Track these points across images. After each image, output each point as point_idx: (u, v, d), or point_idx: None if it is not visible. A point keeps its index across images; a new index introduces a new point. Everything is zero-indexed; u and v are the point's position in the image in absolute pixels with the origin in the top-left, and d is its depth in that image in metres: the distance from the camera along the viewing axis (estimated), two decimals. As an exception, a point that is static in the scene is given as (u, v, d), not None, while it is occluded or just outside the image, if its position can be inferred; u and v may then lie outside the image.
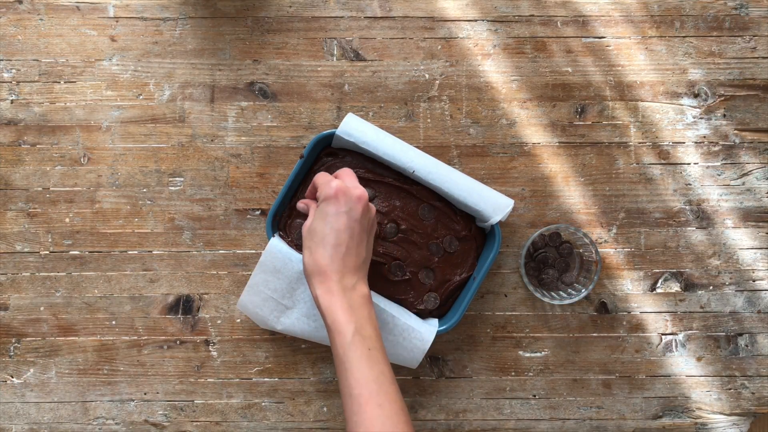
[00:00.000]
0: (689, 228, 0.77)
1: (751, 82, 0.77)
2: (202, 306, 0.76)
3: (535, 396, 0.77)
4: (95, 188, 0.76)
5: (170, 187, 0.76)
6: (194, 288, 0.76)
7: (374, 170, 0.73)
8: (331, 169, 0.73)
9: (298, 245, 0.73)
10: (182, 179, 0.76)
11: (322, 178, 0.65)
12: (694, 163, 0.77)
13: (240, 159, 0.76)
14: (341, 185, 0.62)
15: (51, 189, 0.76)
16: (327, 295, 0.61)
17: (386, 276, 0.72)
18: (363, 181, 0.73)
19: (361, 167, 0.73)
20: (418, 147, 0.75)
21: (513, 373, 0.77)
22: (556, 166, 0.77)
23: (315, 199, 0.67)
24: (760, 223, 0.77)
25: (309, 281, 0.62)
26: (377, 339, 0.61)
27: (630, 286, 0.77)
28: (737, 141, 0.77)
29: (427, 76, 0.77)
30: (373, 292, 0.72)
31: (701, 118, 0.77)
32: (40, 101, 0.76)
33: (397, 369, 0.76)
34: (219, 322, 0.76)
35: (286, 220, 0.73)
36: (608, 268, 0.77)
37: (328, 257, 0.61)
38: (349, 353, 0.59)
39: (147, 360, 0.76)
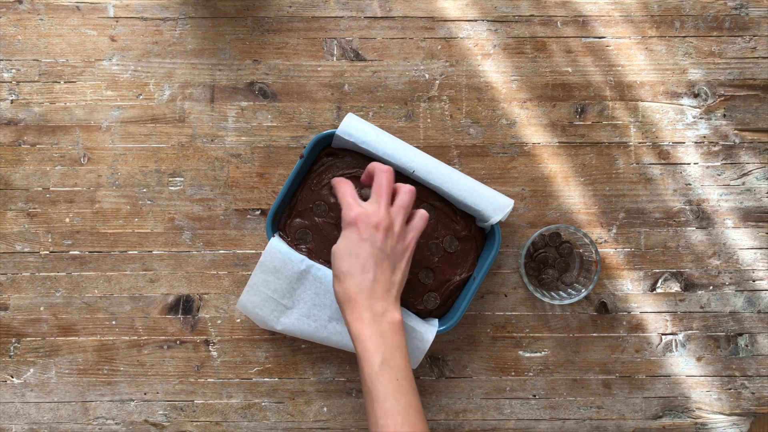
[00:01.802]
0: (689, 228, 0.77)
1: (751, 82, 0.77)
2: (202, 306, 0.76)
3: (535, 396, 0.77)
4: (95, 188, 0.76)
5: (170, 187, 0.76)
6: (194, 288, 0.76)
7: (374, 170, 0.73)
8: (331, 170, 0.73)
9: (297, 245, 0.73)
10: (182, 179, 0.76)
11: (344, 196, 0.65)
12: (694, 163, 0.77)
13: (240, 159, 0.76)
14: (361, 212, 0.62)
15: (51, 189, 0.76)
16: (357, 323, 0.61)
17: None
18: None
19: (361, 167, 0.73)
20: (418, 147, 0.75)
21: (513, 373, 0.77)
22: (556, 166, 0.77)
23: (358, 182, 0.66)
24: (760, 223, 0.77)
25: (340, 308, 0.63)
26: (406, 368, 0.61)
27: (630, 286, 0.77)
28: (737, 141, 0.77)
29: (427, 76, 0.77)
30: (373, 292, 0.72)
31: (701, 118, 0.77)
32: (40, 101, 0.76)
33: (397, 369, 0.76)
34: (219, 322, 0.76)
35: (286, 220, 0.73)
36: (608, 268, 0.77)
37: (356, 285, 0.61)
38: (376, 383, 0.59)
39: (147, 360, 0.76)
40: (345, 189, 0.65)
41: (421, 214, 0.66)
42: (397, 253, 0.63)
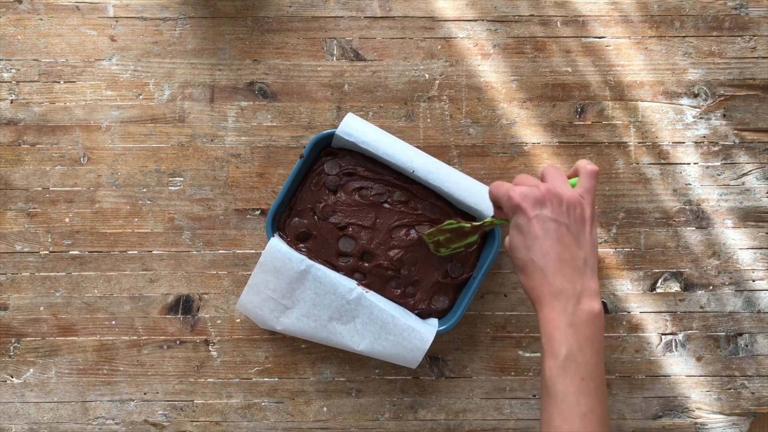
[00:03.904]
0: (689, 228, 0.77)
1: (750, 82, 0.77)
2: (202, 306, 0.76)
3: (535, 396, 0.77)
4: (95, 188, 0.76)
5: (170, 187, 0.76)
6: (194, 288, 0.76)
7: (374, 170, 0.73)
8: (330, 168, 0.73)
9: (297, 245, 0.73)
10: (182, 179, 0.76)
11: (505, 187, 0.58)
12: (694, 163, 0.77)
13: (240, 159, 0.76)
14: (520, 191, 0.56)
15: (51, 189, 0.76)
16: (545, 310, 0.54)
17: (391, 282, 0.73)
18: (362, 179, 0.73)
19: (361, 167, 0.73)
20: (418, 147, 0.75)
21: (513, 373, 0.77)
22: (555, 166, 0.77)
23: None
24: (760, 223, 0.77)
25: (533, 305, 0.57)
26: (596, 366, 0.53)
27: (630, 286, 0.77)
28: (737, 141, 0.77)
29: (427, 76, 0.77)
30: (372, 292, 0.72)
31: (701, 118, 0.77)
32: (40, 101, 0.76)
33: (397, 369, 0.76)
34: (219, 322, 0.76)
35: (286, 220, 0.73)
36: (608, 268, 0.77)
37: (538, 269, 0.54)
38: (556, 380, 0.52)
39: (147, 360, 0.76)
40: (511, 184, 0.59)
41: (589, 172, 0.57)
42: (576, 221, 0.55)
